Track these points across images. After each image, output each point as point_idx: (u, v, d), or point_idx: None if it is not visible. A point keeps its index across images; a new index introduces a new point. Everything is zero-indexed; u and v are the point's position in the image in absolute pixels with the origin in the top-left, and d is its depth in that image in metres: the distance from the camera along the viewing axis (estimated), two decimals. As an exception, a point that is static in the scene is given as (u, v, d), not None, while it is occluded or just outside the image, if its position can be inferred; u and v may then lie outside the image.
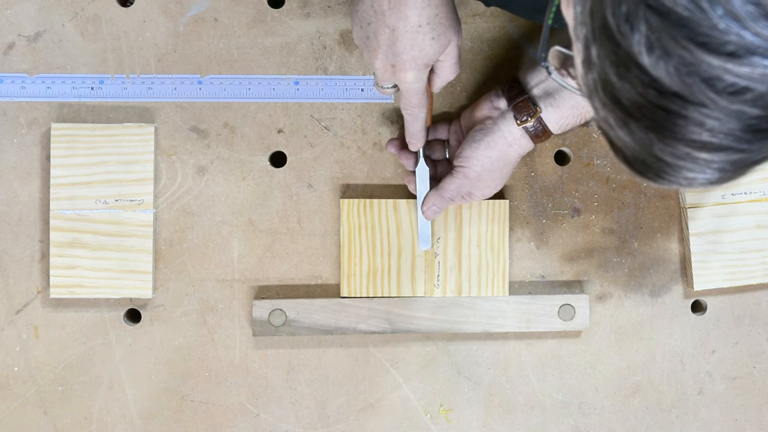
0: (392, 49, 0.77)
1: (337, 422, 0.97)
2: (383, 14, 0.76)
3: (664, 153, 0.52)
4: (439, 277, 0.96)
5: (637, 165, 0.55)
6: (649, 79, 0.49)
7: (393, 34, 0.76)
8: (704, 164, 0.52)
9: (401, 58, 0.77)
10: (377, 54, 0.78)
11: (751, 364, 1.01)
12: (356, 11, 0.78)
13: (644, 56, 0.48)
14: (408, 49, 0.77)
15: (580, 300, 0.97)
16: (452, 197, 0.90)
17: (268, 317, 0.94)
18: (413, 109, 0.84)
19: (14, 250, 0.95)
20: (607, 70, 0.51)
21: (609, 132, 0.55)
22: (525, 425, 0.99)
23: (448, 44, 0.79)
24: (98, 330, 0.95)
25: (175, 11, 0.95)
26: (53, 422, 0.95)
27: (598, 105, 0.54)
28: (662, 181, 0.55)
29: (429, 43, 0.77)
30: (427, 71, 0.80)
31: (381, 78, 0.81)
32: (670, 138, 0.51)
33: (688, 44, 0.47)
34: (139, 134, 0.94)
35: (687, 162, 0.52)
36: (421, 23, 0.76)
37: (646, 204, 0.99)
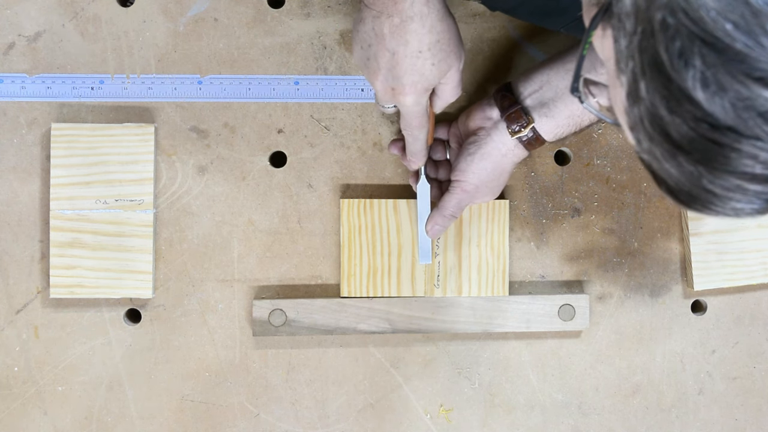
0: (392, 73, 0.77)
1: (337, 422, 0.97)
2: (383, 37, 0.75)
3: (714, 185, 0.52)
4: (439, 277, 0.96)
5: (682, 196, 0.55)
6: (702, 113, 0.49)
7: (393, 58, 0.76)
8: (753, 195, 0.52)
9: (401, 82, 0.77)
10: (377, 76, 0.78)
11: (751, 364, 1.01)
12: (357, 32, 0.78)
13: (699, 91, 0.48)
14: (408, 74, 0.77)
15: (580, 300, 0.97)
16: (454, 213, 0.90)
17: (268, 317, 0.94)
18: (413, 131, 0.84)
19: (14, 250, 0.95)
20: (657, 104, 0.51)
21: (653, 164, 0.54)
22: (525, 425, 0.99)
23: (448, 69, 0.79)
24: (98, 330, 0.95)
25: (175, 11, 0.95)
26: (53, 422, 0.95)
27: (642, 138, 0.54)
28: (708, 212, 0.55)
29: (429, 68, 0.77)
30: (427, 95, 0.80)
31: (381, 99, 0.81)
32: (721, 171, 0.51)
33: (745, 79, 0.47)
34: (139, 134, 0.94)
35: (736, 194, 0.52)
36: (421, 49, 0.76)
37: (646, 204, 0.99)
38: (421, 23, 0.74)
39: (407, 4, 0.73)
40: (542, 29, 0.96)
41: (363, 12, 0.77)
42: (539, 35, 0.97)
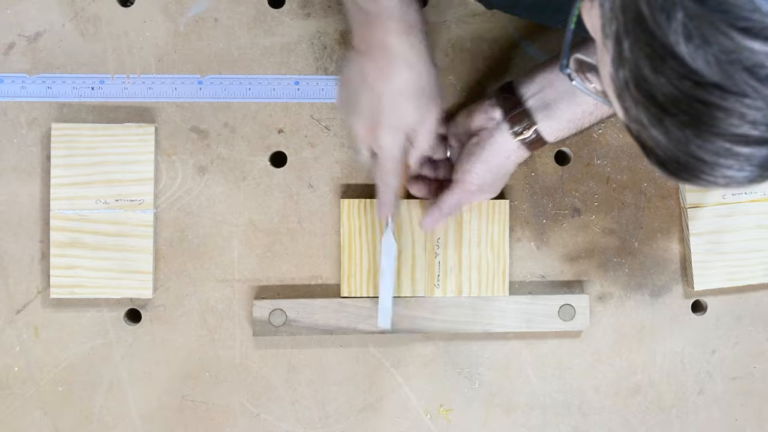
0: (373, 113, 0.80)
1: (337, 422, 0.97)
2: (368, 79, 0.79)
3: (702, 150, 0.50)
4: (439, 277, 0.96)
5: (671, 165, 0.53)
6: (686, 70, 0.47)
7: (376, 99, 0.79)
8: (744, 160, 0.50)
9: (381, 122, 0.80)
10: (358, 117, 0.81)
11: (751, 364, 1.01)
12: (343, 74, 0.82)
13: (681, 46, 0.47)
14: (389, 114, 0.80)
15: (580, 300, 0.97)
16: (451, 211, 0.90)
17: (268, 317, 0.94)
18: (387, 177, 0.85)
19: (14, 250, 0.95)
20: (641, 64, 0.49)
21: (641, 132, 0.53)
22: (525, 425, 0.99)
23: (428, 114, 0.81)
24: (98, 330, 0.95)
25: (175, 11, 0.95)
26: (53, 422, 0.95)
27: (629, 104, 0.52)
28: (698, 181, 0.53)
29: (411, 111, 0.80)
30: (403, 138, 0.82)
31: (360, 141, 0.83)
32: (708, 133, 0.49)
33: (729, 30, 0.45)
34: (139, 134, 0.94)
35: (726, 159, 0.50)
36: (403, 91, 0.79)
37: (646, 204, 0.99)
38: (408, 70, 0.79)
39: (395, 50, 0.78)
40: (542, 29, 0.96)
41: (351, 54, 0.81)
42: (539, 35, 0.97)
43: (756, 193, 0.97)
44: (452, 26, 0.96)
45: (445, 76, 0.96)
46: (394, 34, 0.78)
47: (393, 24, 0.77)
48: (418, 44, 0.79)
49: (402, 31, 0.78)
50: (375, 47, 0.78)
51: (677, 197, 0.99)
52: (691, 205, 0.97)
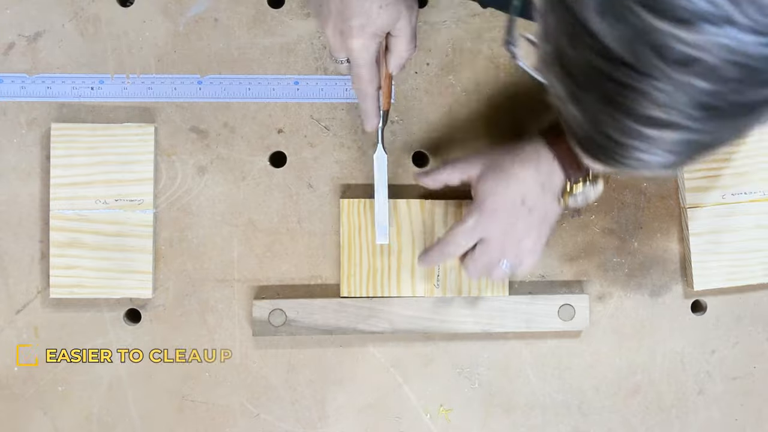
0: (341, 16, 0.77)
1: (337, 422, 0.97)
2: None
3: (614, 129, 0.50)
4: (439, 277, 0.96)
5: (588, 145, 0.54)
6: (599, 46, 0.47)
7: (342, 2, 0.77)
8: (654, 144, 0.50)
9: (349, 24, 0.77)
10: (328, 21, 0.79)
11: (751, 364, 1.01)
12: None
13: (595, 22, 0.47)
14: (356, 16, 0.77)
15: (580, 300, 0.97)
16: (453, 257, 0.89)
17: (268, 317, 0.94)
18: (362, 84, 0.83)
19: (14, 250, 0.95)
20: (561, 39, 0.50)
21: (563, 109, 0.53)
22: (525, 425, 0.99)
23: (398, 16, 0.78)
24: (98, 330, 0.95)
25: (175, 11, 0.95)
26: (53, 422, 0.95)
27: (553, 80, 0.52)
28: (613, 163, 0.53)
29: (377, 11, 0.77)
30: (375, 41, 0.79)
31: (333, 47, 0.81)
32: (618, 112, 0.49)
33: (639, 9, 0.45)
34: (139, 134, 0.94)
35: (636, 141, 0.50)
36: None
37: (646, 204, 0.99)
38: None
39: None
40: None
41: None
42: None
43: (756, 193, 0.97)
44: (452, 26, 0.96)
45: (445, 76, 0.97)
46: None
47: None
48: None
49: None
50: None
51: (677, 197, 0.99)
52: (691, 205, 0.97)
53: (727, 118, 0.48)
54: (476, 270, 0.88)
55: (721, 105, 0.47)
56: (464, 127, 0.97)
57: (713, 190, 0.97)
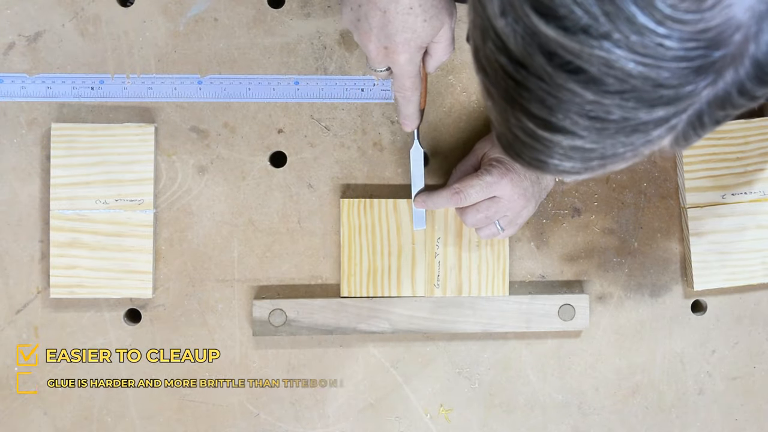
0: (384, 32, 0.76)
1: (337, 422, 0.97)
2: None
3: (517, 128, 0.52)
4: (439, 277, 0.96)
5: (502, 140, 0.55)
6: (501, 44, 0.48)
7: (385, 16, 0.75)
8: (551, 147, 0.51)
9: (394, 40, 0.77)
10: (369, 37, 0.77)
11: (751, 364, 1.01)
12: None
13: (498, 20, 0.48)
14: (400, 32, 0.76)
15: (580, 300, 0.97)
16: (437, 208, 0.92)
17: (268, 317, 0.94)
18: (407, 92, 0.83)
19: (14, 250, 0.95)
20: (476, 35, 0.51)
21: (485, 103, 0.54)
22: (525, 425, 0.99)
23: (441, 26, 0.78)
24: (98, 330, 0.95)
25: (175, 11, 0.95)
26: (53, 422, 0.95)
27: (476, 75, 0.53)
28: (523, 162, 0.55)
29: (421, 25, 0.76)
30: (420, 53, 0.79)
31: (374, 61, 0.80)
32: (519, 111, 0.50)
33: (531, 12, 0.46)
34: (139, 134, 0.94)
35: (535, 142, 0.52)
36: (412, 5, 0.75)
37: (646, 204, 0.99)
38: None
39: None
40: None
41: None
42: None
43: (755, 193, 0.97)
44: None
45: (445, 76, 0.97)
46: None
47: None
48: None
49: None
50: None
51: (677, 197, 0.99)
52: (691, 205, 0.97)
53: (615, 132, 0.49)
54: (474, 221, 0.89)
55: (607, 117, 0.48)
56: (464, 127, 0.97)
57: (713, 190, 0.97)
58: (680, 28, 0.44)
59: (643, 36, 0.44)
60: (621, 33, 0.44)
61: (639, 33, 0.44)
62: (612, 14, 0.44)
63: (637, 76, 0.46)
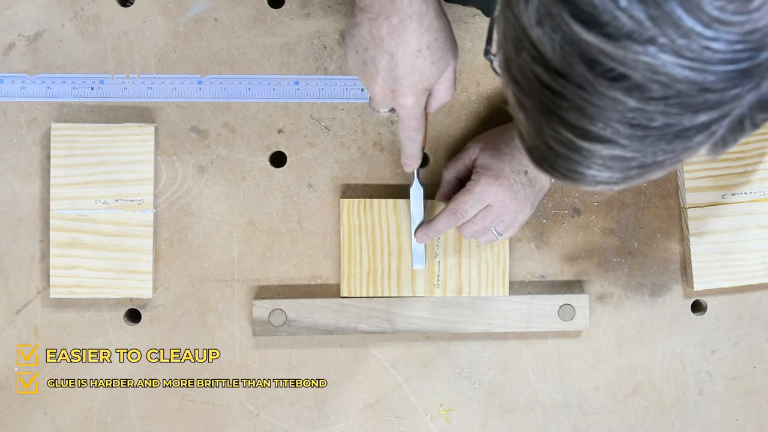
0: (392, 75, 0.76)
1: (337, 422, 0.97)
2: (382, 40, 0.75)
3: (552, 139, 0.51)
4: (439, 277, 0.96)
5: (535, 153, 0.54)
6: (538, 55, 0.48)
7: (392, 60, 0.75)
8: (589, 157, 0.51)
9: (401, 83, 0.77)
10: (376, 80, 0.77)
11: (751, 364, 1.01)
12: (352, 37, 0.77)
13: (534, 30, 0.47)
14: (408, 75, 0.76)
15: (580, 300, 0.97)
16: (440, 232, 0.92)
17: (268, 317, 0.94)
18: (411, 132, 0.84)
19: (14, 250, 0.95)
20: (508, 45, 0.50)
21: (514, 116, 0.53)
22: (525, 425, 0.99)
23: (446, 68, 0.78)
24: (98, 330, 0.95)
25: (175, 11, 0.95)
26: (53, 422, 0.95)
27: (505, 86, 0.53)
28: (558, 174, 0.54)
29: (429, 67, 0.76)
30: (426, 95, 0.79)
31: (379, 103, 0.80)
32: (555, 122, 0.50)
33: (571, 21, 0.45)
34: (139, 134, 0.94)
35: (572, 153, 0.51)
36: (420, 48, 0.75)
37: (646, 204, 0.99)
38: (419, 22, 0.74)
39: (405, 3, 0.73)
40: None
41: (358, 16, 0.76)
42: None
43: (755, 193, 0.97)
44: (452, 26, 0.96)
45: (445, 76, 0.97)
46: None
47: None
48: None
49: None
50: (385, 2, 0.73)
51: (677, 197, 0.99)
52: (691, 205, 0.97)
53: (656, 139, 0.48)
54: (471, 233, 0.90)
55: (649, 124, 0.47)
56: (464, 127, 0.97)
57: (713, 190, 0.97)
58: (727, 30, 0.43)
59: (690, 39, 0.44)
60: (667, 37, 0.44)
61: (686, 36, 0.43)
62: (658, 18, 0.43)
63: (682, 80, 0.45)
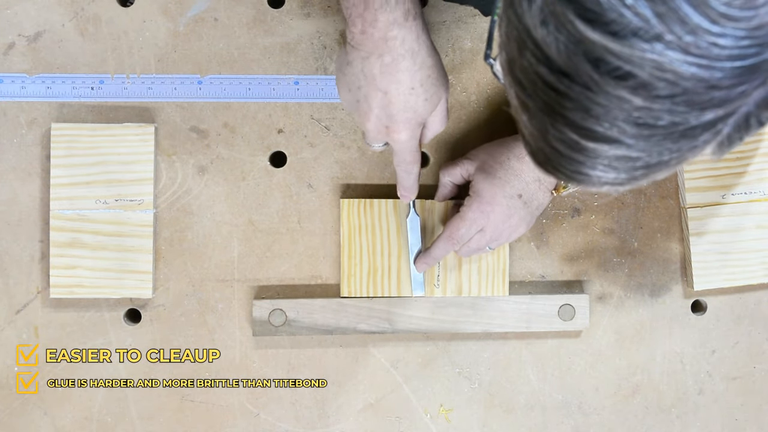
0: (386, 112, 0.77)
1: (337, 422, 0.97)
2: (374, 78, 0.75)
3: (557, 140, 0.51)
4: (439, 277, 0.96)
5: (539, 156, 0.54)
6: (542, 55, 0.47)
7: (386, 97, 0.76)
8: (595, 158, 0.50)
9: (395, 120, 0.77)
10: (369, 117, 0.78)
11: (751, 364, 1.01)
12: (344, 74, 0.78)
13: (538, 30, 0.47)
14: (402, 111, 0.77)
15: (580, 300, 0.97)
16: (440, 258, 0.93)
17: (268, 317, 0.94)
18: (407, 166, 0.84)
19: (14, 250, 0.95)
20: (511, 46, 0.50)
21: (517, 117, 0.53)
22: (525, 425, 0.99)
23: (439, 101, 0.79)
24: (98, 330, 0.95)
25: (175, 11, 0.95)
26: (53, 422, 0.95)
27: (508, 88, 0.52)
28: (562, 176, 0.54)
29: (422, 104, 0.77)
30: (420, 129, 0.80)
31: (373, 138, 0.81)
32: (560, 123, 0.49)
33: (576, 19, 0.45)
34: (139, 134, 0.94)
35: (577, 153, 0.51)
36: (414, 86, 0.76)
37: (646, 204, 0.99)
38: (412, 60, 0.75)
39: (398, 41, 0.74)
40: None
41: (349, 54, 0.76)
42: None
43: (755, 193, 0.97)
44: (452, 26, 0.96)
45: (445, 76, 0.97)
46: (396, 24, 0.73)
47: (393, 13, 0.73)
48: (418, 29, 0.75)
49: (403, 19, 0.74)
50: (377, 40, 0.74)
51: (677, 197, 0.99)
52: (691, 205, 0.97)
53: (662, 138, 0.48)
54: (467, 253, 0.91)
55: (656, 123, 0.47)
56: (464, 127, 0.97)
57: (713, 190, 0.97)
58: (735, 26, 0.43)
59: (697, 36, 0.43)
60: (674, 34, 0.43)
61: (693, 33, 0.43)
62: (664, 15, 0.43)
63: (689, 78, 0.45)
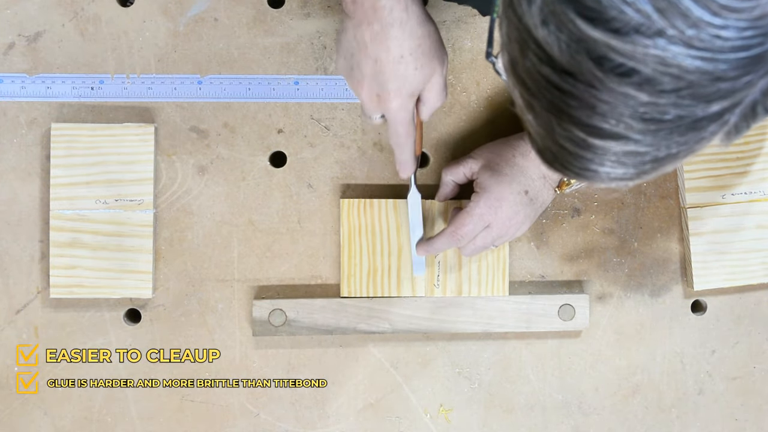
0: (377, 80, 0.77)
1: (337, 422, 0.97)
2: (366, 46, 0.76)
3: (564, 138, 0.51)
4: (439, 277, 0.96)
5: (546, 154, 0.54)
6: (544, 55, 0.47)
7: (376, 65, 0.77)
8: (602, 154, 0.50)
9: (386, 88, 0.78)
10: (362, 84, 0.78)
11: (751, 364, 1.01)
12: (340, 42, 0.79)
13: (539, 30, 0.47)
14: (392, 80, 0.77)
15: (580, 300, 0.97)
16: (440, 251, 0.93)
17: (268, 317, 0.94)
18: (401, 139, 0.84)
19: (14, 250, 0.95)
20: (513, 47, 0.50)
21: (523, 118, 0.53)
22: (525, 425, 0.99)
23: (432, 74, 0.79)
24: (98, 330, 0.95)
25: (175, 11, 0.95)
26: (53, 422, 0.95)
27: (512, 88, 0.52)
28: (570, 173, 0.54)
29: (413, 73, 0.77)
30: (412, 100, 0.80)
31: (368, 108, 0.81)
32: (566, 121, 0.49)
33: (577, 18, 0.45)
34: (139, 134, 0.94)
35: (585, 151, 0.51)
36: (403, 54, 0.76)
37: (646, 204, 0.99)
38: (401, 29, 0.75)
39: (386, 11, 0.74)
40: None
41: (344, 22, 0.78)
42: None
43: (755, 193, 0.97)
44: (452, 26, 0.96)
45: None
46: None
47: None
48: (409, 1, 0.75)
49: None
50: (367, 9, 0.75)
51: (677, 197, 0.99)
52: (691, 205, 0.97)
53: (670, 132, 0.48)
54: (471, 251, 0.91)
55: (662, 118, 0.47)
56: (464, 127, 0.97)
57: (713, 190, 0.97)
58: (737, 17, 0.43)
59: (700, 29, 0.43)
60: (676, 28, 0.43)
61: (695, 26, 0.43)
62: (665, 10, 0.43)
63: (694, 71, 0.45)
